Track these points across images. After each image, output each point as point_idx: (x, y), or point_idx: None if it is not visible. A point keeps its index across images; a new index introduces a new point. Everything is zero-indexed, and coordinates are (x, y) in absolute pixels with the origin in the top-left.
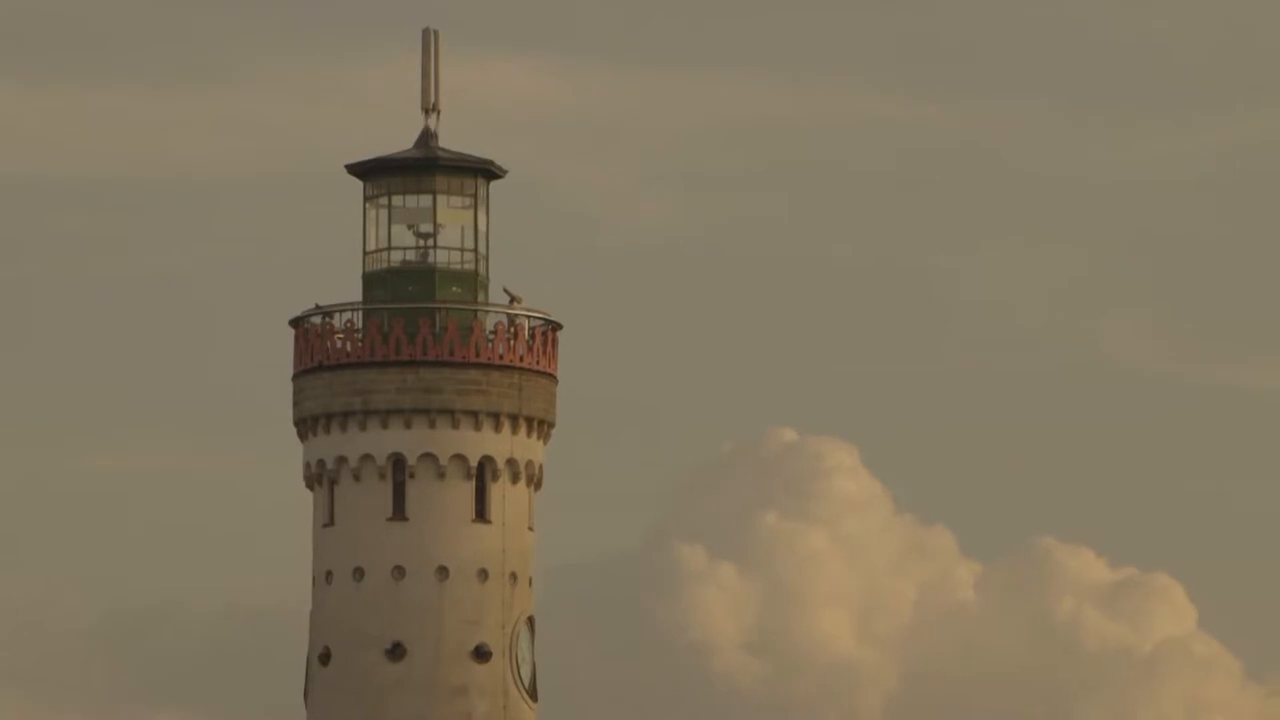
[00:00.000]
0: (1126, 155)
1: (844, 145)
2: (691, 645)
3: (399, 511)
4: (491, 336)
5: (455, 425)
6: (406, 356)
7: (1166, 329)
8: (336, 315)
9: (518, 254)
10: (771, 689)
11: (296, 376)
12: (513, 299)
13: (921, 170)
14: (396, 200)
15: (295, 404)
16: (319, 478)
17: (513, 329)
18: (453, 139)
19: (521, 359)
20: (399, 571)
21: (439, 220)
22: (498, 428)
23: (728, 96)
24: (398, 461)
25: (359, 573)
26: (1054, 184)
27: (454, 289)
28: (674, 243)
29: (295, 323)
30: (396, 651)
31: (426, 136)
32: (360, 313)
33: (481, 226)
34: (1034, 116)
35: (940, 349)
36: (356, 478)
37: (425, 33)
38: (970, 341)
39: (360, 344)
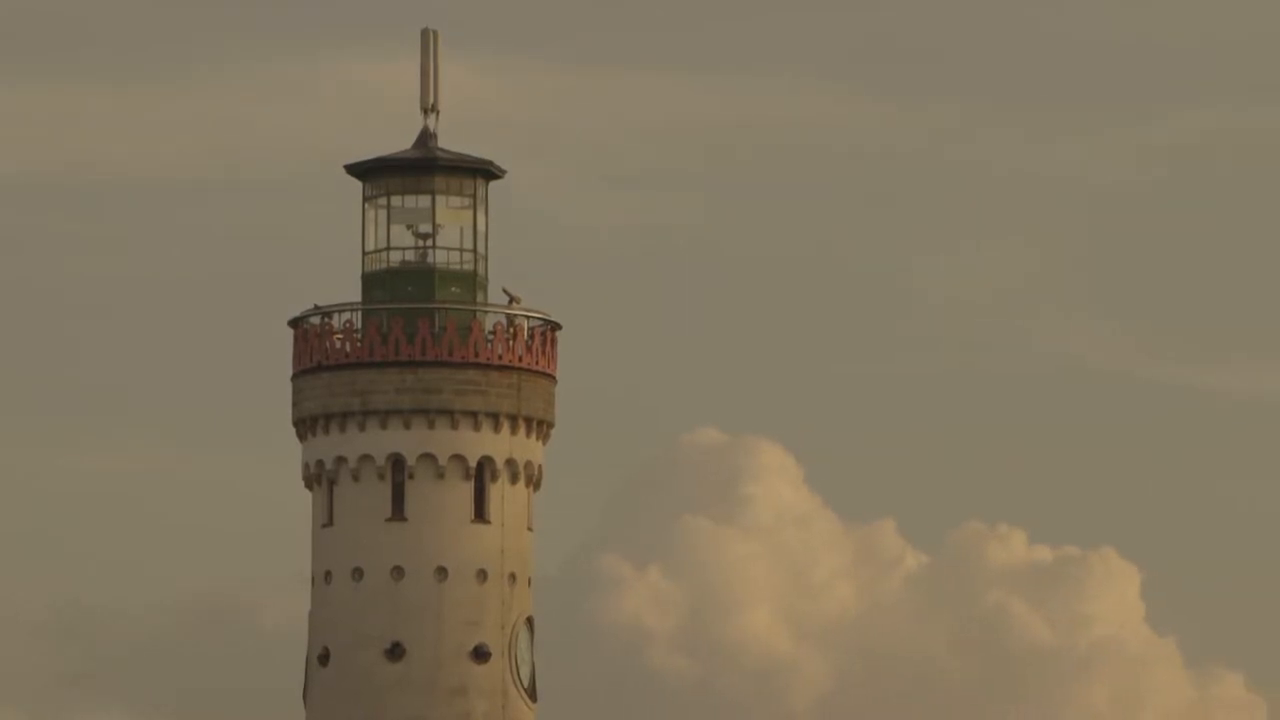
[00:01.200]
0: (1072, 154)
1: (795, 145)
2: (625, 646)
3: (398, 512)
4: (490, 337)
5: (454, 425)
6: (405, 357)
7: (1114, 328)
8: (335, 315)
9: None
10: (703, 688)
11: (296, 377)
12: (512, 299)
13: (874, 171)
14: (396, 200)
15: (294, 404)
16: (318, 478)
17: (512, 329)
18: (452, 139)
19: (520, 359)
20: (398, 572)
21: (438, 220)
22: (497, 428)
23: (667, 98)
24: (397, 462)
25: (358, 573)
26: (1004, 183)
27: (453, 289)
28: (623, 243)
29: (294, 323)
30: (396, 652)
31: (426, 137)
32: (359, 313)
33: (480, 227)
34: (984, 116)
35: (892, 348)
36: (355, 478)
37: (425, 33)
38: (921, 340)
39: (359, 344)
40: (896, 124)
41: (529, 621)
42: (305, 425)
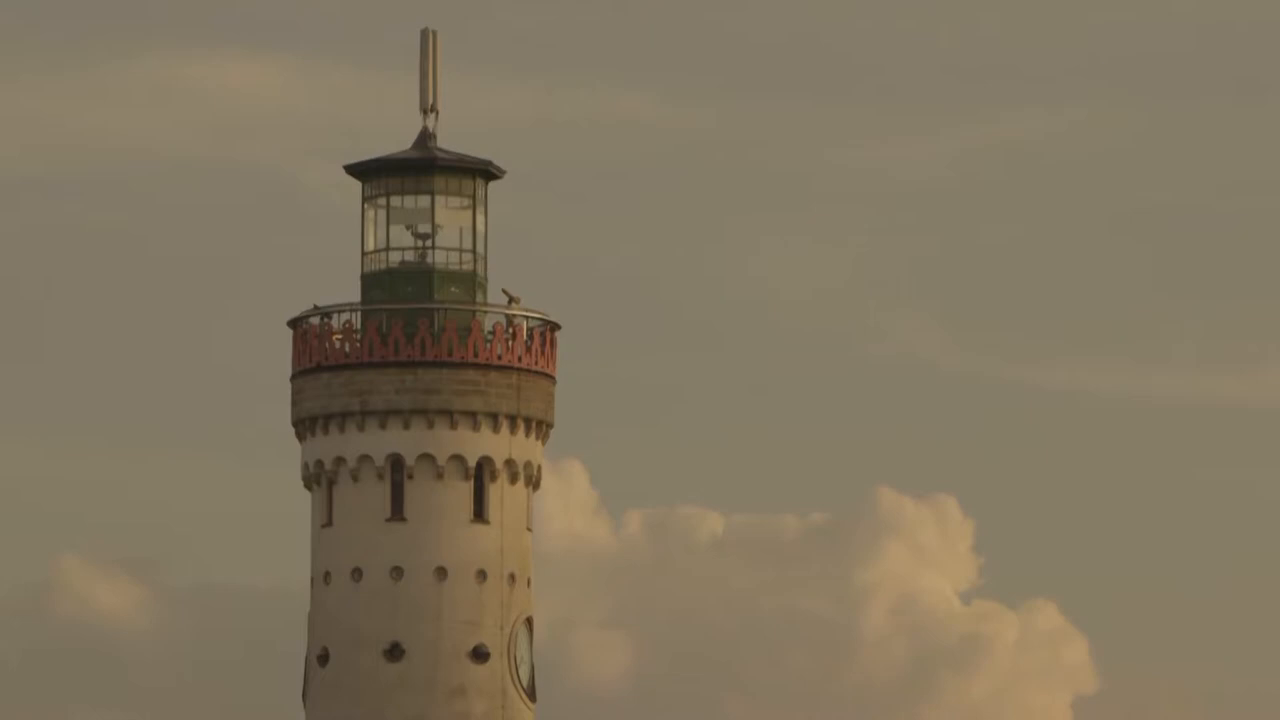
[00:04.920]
0: (890, 154)
1: (612, 144)
2: None
3: (397, 512)
4: (490, 337)
5: (453, 426)
6: (405, 357)
7: (929, 324)
8: (335, 316)
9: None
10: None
11: (295, 377)
12: (511, 299)
13: (699, 169)
14: (395, 201)
15: (294, 404)
16: (317, 478)
17: (511, 329)
18: (451, 139)
19: (520, 360)
20: (397, 572)
21: (437, 221)
22: (496, 428)
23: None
24: (396, 462)
25: (357, 573)
26: (827, 181)
27: (452, 289)
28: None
29: (294, 323)
30: (395, 652)
31: (425, 137)
32: (359, 313)
33: (480, 227)
34: (803, 114)
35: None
36: (355, 478)
37: (424, 33)
38: (742, 337)
39: (359, 344)
40: (721, 123)
41: (528, 622)
42: (304, 425)
